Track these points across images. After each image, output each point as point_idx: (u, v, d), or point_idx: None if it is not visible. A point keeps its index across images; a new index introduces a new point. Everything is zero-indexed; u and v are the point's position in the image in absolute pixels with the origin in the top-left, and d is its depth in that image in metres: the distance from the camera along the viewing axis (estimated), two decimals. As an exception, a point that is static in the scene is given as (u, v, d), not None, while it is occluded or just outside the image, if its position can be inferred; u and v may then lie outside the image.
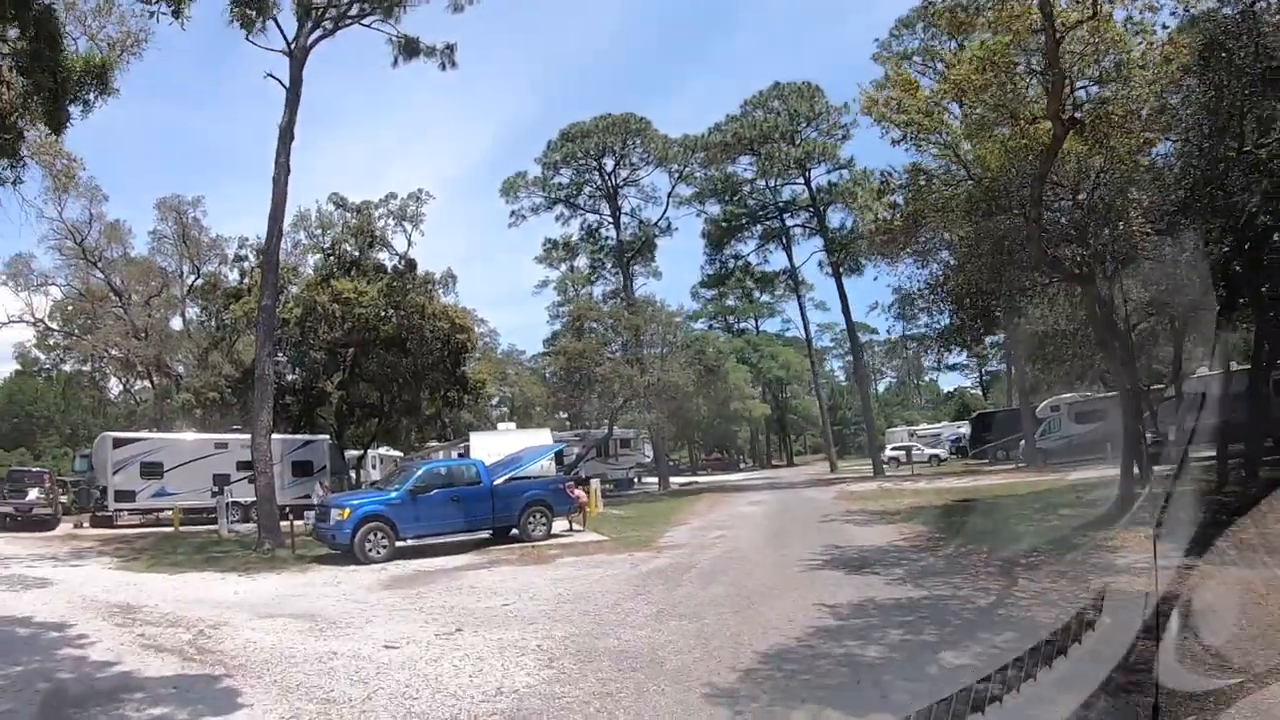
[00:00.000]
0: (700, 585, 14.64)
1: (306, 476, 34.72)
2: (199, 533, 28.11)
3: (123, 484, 31.47)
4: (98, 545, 25.05)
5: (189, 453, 33.16)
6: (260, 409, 23.92)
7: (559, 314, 78.52)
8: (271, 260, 25.28)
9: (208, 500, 31.25)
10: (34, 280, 50.70)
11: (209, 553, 22.53)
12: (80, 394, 65.80)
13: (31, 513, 29.59)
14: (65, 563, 20.84)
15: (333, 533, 19.97)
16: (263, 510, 22.99)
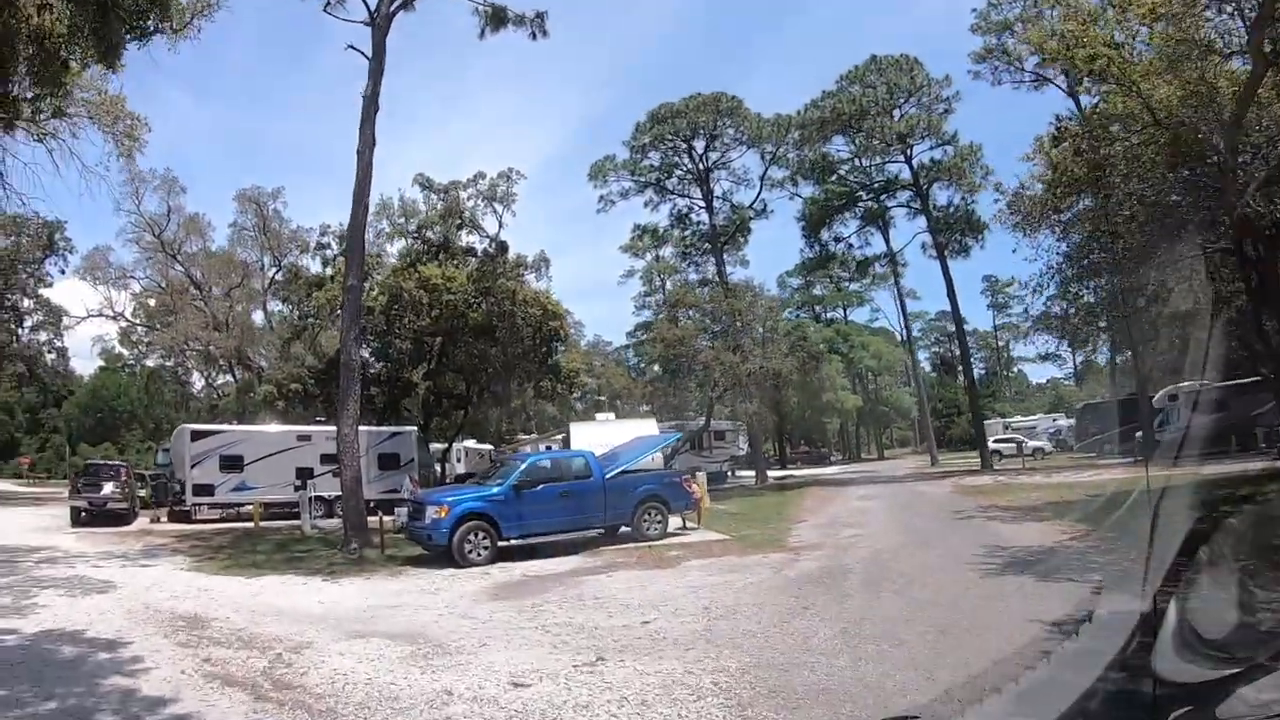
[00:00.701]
0: (868, 596, 12.49)
1: (393, 470, 32.96)
2: (280, 529, 26.53)
3: (201, 478, 30.12)
4: (172, 542, 23.52)
5: (270, 445, 31.73)
6: (346, 397, 21.95)
7: (645, 304, 77.62)
8: (357, 238, 23.29)
9: (290, 495, 29.59)
10: (112, 274, 50.20)
11: (290, 552, 20.78)
12: (163, 389, 65.96)
13: (106, 507, 28.27)
14: (134, 562, 19.13)
15: (428, 532, 17.82)
16: (349, 506, 20.99)
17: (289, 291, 47.41)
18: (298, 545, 22.24)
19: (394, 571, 17.42)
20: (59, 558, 19.37)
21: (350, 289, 22.90)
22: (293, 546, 21.94)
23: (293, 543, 22.87)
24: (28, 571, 17.03)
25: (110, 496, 28.25)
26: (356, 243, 23.48)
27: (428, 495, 20.09)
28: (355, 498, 21.16)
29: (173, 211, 49.52)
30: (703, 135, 52.59)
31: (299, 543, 22.91)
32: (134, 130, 19.43)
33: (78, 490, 28.54)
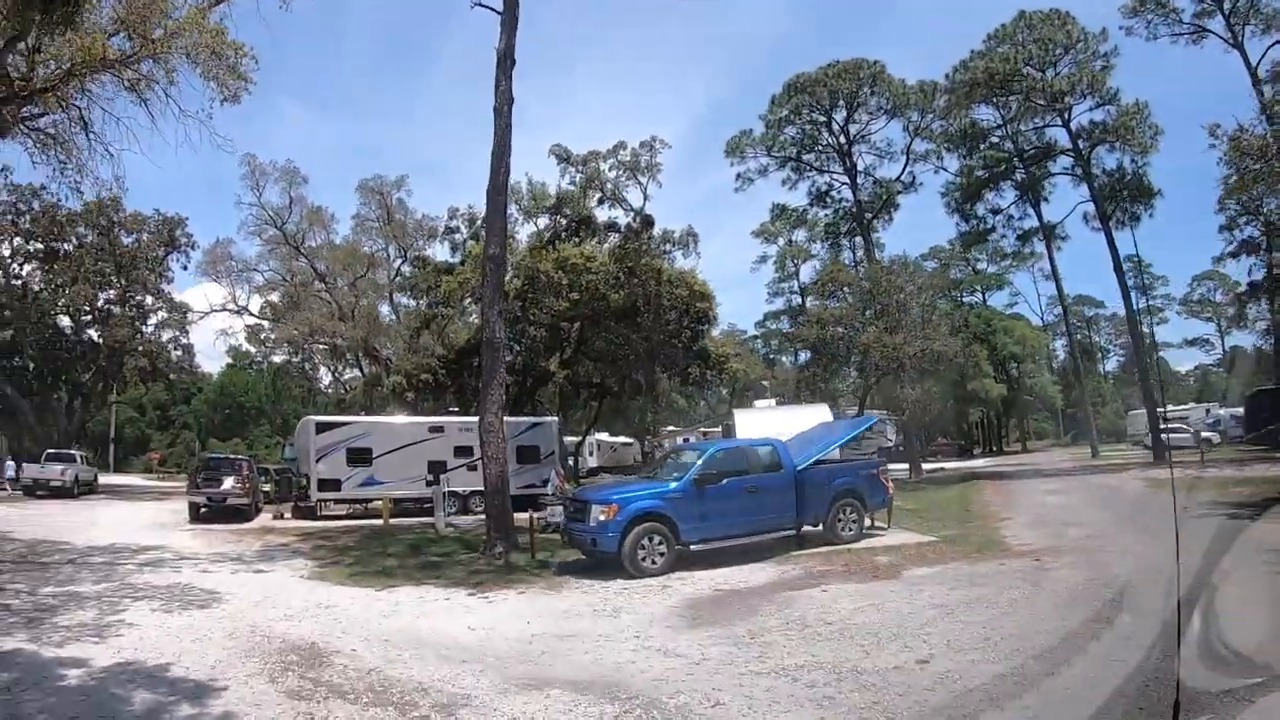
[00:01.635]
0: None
1: (533, 464, 30.49)
2: (411, 527, 24.39)
3: (327, 472, 28.14)
4: (293, 541, 21.39)
5: (400, 437, 29.59)
6: (490, 380, 19.23)
7: (779, 290, 74.25)
8: (498, 202, 20.47)
9: (421, 490, 28.14)
10: (235, 266, 49.36)
11: (426, 556, 18.16)
12: (290, 384, 65.82)
13: (225, 503, 26.54)
14: (249, 566, 16.77)
15: (592, 535, 14.75)
16: (493, 504, 18.22)
17: (419, 278, 45.68)
18: (433, 547, 19.64)
19: (551, 583, 14.39)
20: (166, 560, 17.18)
21: (492, 259, 20.19)
22: (428, 549, 19.34)
23: (427, 544, 20.35)
24: (126, 577, 14.74)
25: (230, 492, 26.50)
26: (497, 208, 20.66)
27: (592, 492, 16.98)
28: (501, 494, 18.35)
29: (294, 202, 48.65)
30: (842, 106, 48.66)
31: (434, 544, 20.36)
32: (240, 69, 16.66)
33: (197, 485, 26.91)
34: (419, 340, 42.48)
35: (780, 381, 60.26)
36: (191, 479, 27.44)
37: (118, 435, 71.12)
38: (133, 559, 17.17)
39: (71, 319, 48.99)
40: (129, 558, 17.35)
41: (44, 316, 47.15)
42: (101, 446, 70.82)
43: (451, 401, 38.50)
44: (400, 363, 41.63)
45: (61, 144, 17.70)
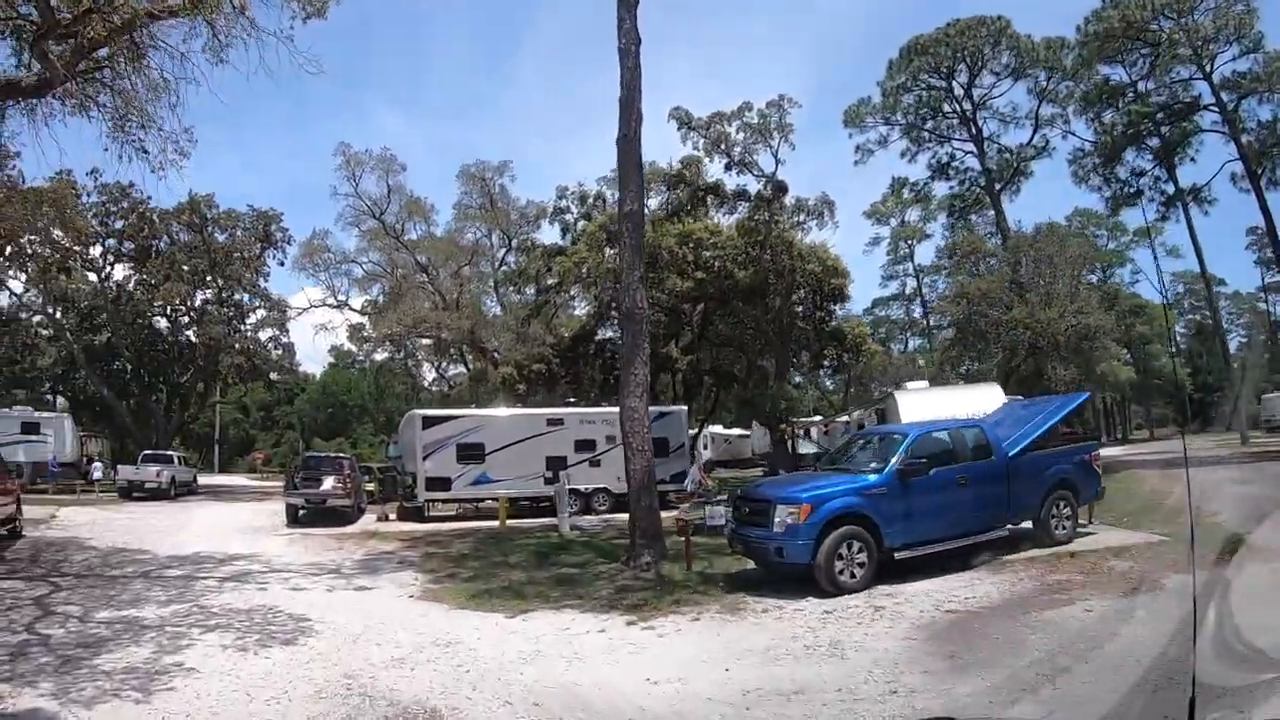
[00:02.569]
0: None
1: (661, 457, 27.21)
2: (530, 530, 22.03)
3: (435, 470, 25.80)
4: (400, 548, 18.94)
5: (515, 431, 27.13)
6: (631, 358, 16.37)
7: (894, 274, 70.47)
8: (631, 152, 17.42)
9: (539, 488, 26.03)
10: (333, 258, 47.64)
11: (556, 565, 15.44)
12: (393, 381, 64.56)
13: (325, 504, 24.39)
14: (349, 580, 14.21)
15: (778, 543, 11.64)
16: (640, 504, 15.33)
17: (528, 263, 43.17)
18: (563, 555, 16.93)
19: (726, 604, 11.28)
20: (252, 573, 14.76)
21: (629, 217, 17.24)
22: (557, 557, 16.63)
23: (554, 551, 17.70)
24: (202, 597, 12.26)
25: (330, 492, 24.34)
26: (631, 159, 17.59)
27: (773, 488, 13.69)
28: (648, 493, 15.45)
29: (393, 192, 46.69)
30: (964, 68, 44.67)
31: (562, 551, 17.72)
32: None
33: (294, 486, 24.85)
34: (529, 329, 39.96)
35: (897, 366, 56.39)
36: (289, 479, 25.35)
37: (222, 436, 71.31)
38: (215, 572, 14.80)
39: (168, 319, 48.22)
40: (211, 570, 14.99)
41: (139, 317, 46.40)
42: (207, 447, 71.21)
43: (566, 392, 35.88)
44: (509, 354, 39.24)
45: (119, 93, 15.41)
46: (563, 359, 36.35)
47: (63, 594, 12.48)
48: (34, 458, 36.07)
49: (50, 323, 45.41)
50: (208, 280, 45.38)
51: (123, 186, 42.41)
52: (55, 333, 45.74)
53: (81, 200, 42.04)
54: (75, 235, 41.25)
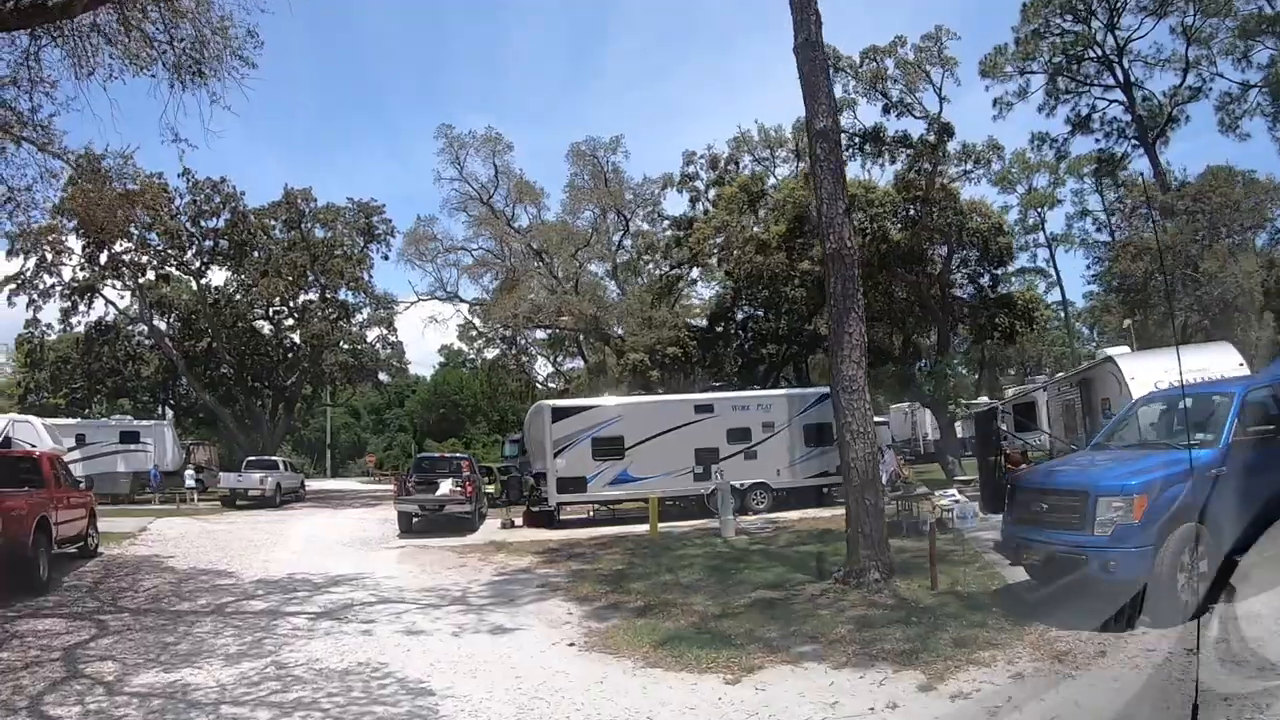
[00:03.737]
0: None
1: (824, 446, 23.90)
2: (685, 535, 18.75)
3: (568, 469, 22.62)
4: (537, 563, 15.69)
5: (659, 421, 23.67)
6: (845, 312, 12.57)
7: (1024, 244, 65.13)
8: (816, 59, 13.39)
9: (688, 485, 23.24)
10: (440, 246, 44.72)
11: (745, 585, 11.80)
12: (505, 378, 61.86)
13: (443, 510, 21.37)
14: (480, 614, 10.96)
15: (1105, 553, 7.73)
16: (863, 504, 11.50)
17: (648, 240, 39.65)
18: (744, 569, 13.35)
19: (1032, 643, 7.52)
20: (355, 604, 11.58)
21: (822, 135, 13.30)
22: (739, 572, 13.05)
23: (730, 562, 14.22)
24: (285, 646, 9.11)
25: (449, 497, 21.33)
26: (815, 66, 13.59)
27: (1078, 473, 9.66)
28: (872, 489, 11.66)
29: (500, 173, 43.59)
30: (1104, 7, 39.76)
31: (739, 562, 14.21)
32: None
33: (408, 491, 21.94)
34: (657, 311, 36.42)
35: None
36: (401, 484, 22.28)
37: (333, 440, 70.15)
38: (307, 603, 11.64)
39: (270, 321, 46.44)
40: (303, 601, 11.85)
41: (239, 320, 44.73)
42: (318, 453, 70.23)
43: (704, 378, 32.33)
44: (636, 339, 35.78)
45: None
46: (701, 341, 32.72)
47: (107, 640, 9.44)
48: (134, 467, 34.88)
49: (150, 330, 43.94)
50: (309, 278, 43.17)
51: (214, 182, 40.77)
52: (155, 340, 44.29)
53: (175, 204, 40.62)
54: (170, 238, 39.71)
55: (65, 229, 38.44)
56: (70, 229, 38.25)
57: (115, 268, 39.94)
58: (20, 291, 39.61)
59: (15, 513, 12.10)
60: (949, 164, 31.64)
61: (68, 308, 40.63)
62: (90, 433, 34.68)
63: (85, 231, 37.54)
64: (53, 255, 39.28)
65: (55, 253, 39.29)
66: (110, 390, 44.97)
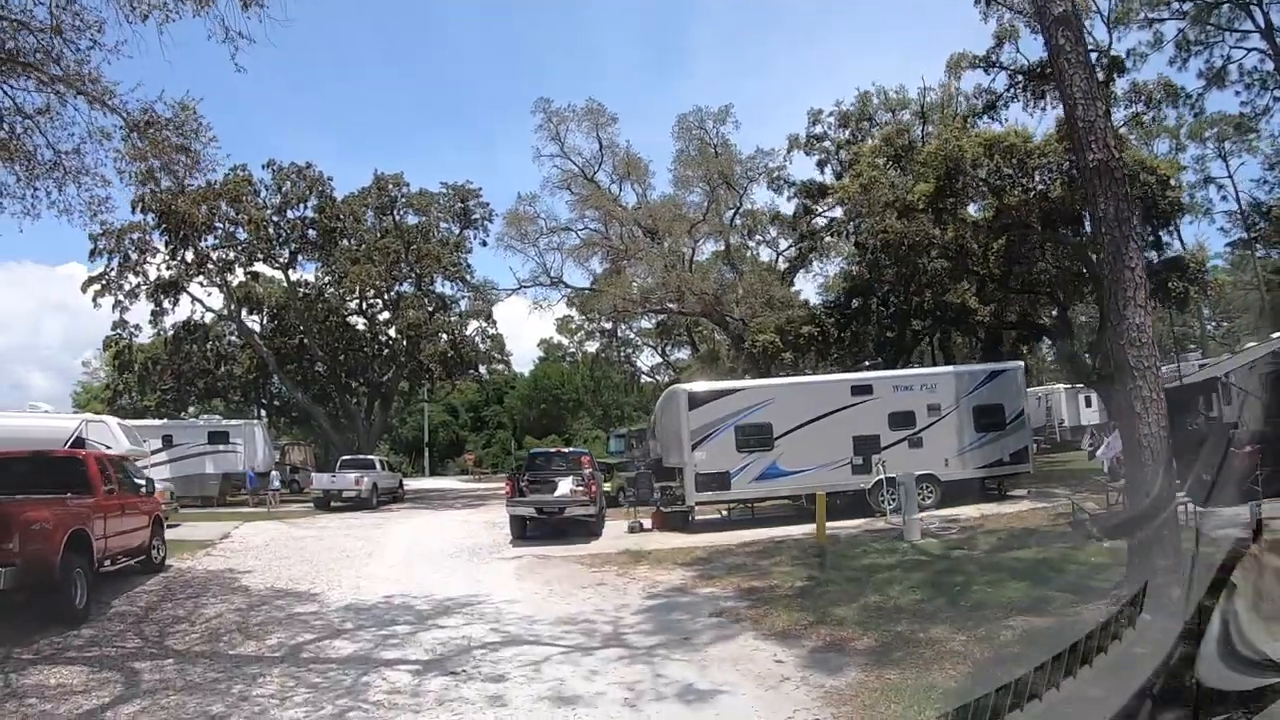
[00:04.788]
0: None
1: (995, 432, 20.96)
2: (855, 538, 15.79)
3: (709, 463, 19.39)
4: (691, 579, 12.58)
5: (811, 405, 20.28)
6: (1122, 243, 9.37)
7: None
8: None
9: (846, 479, 19.72)
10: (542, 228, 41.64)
11: (999, 612, 8.65)
12: (610, 371, 59.38)
13: (564, 514, 18.39)
14: (653, 663, 7.89)
15: None
16: (1162, 494, 8.06)
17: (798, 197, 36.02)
18: (974, 585, 10.40)
19: None
20: (475, 646, 8.71)
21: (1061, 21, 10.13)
22: (973, 591, 9.99)
23: (945, 576, 11.20)
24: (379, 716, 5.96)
25: (571, 498, 18.36)
26: None
27: None
28: (1168, 478, 8.35)
29: (605, 149, 40.32)
30: None
31: (953, 574, 11.27)
32: None
33: (521, 492, 18.78)
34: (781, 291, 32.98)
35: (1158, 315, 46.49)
36: (513, 483, 19.12)
37: (431, 439, 68.50)
38: (411, 642, 8.86)
39: (363, 316, 44.32)
40: (405, 639, 9.04)
41: (331, 314, 42.66)
42: (416, 451, 68.60)
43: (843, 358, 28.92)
44: (761, 320, 32.39)
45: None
46: (839, 318, 29.22)
47: (132, 708, 6.66)
48: (223, 469, 33.20)
49: (239, 327, 42.24)
50: (402, 268, 40.78)
51: (299, 167, 38.77)
52: (244, 338, 42.64)
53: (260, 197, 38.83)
54: (256, 228, 37.84)
55: (148, 226, 37.16)
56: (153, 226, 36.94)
57: (201, 264, 38.18)
58: (105, 293, 38.13)
59: (37, 526, 9.52)
60: (1117, 106, 27.60)
61: (155, 309, 39.02)
62: (177, 434, 33.06)
63: (168, 227, 36.15)
64: (137, 255, 37.69)
65: (139, 251, 37.70)
66: (201, 391, 43.40)
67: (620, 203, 39.28)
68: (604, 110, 38.43)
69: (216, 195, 36.85)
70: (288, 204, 38.91)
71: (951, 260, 30.09)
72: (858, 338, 29.84)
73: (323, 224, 39.18)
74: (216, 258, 38.77)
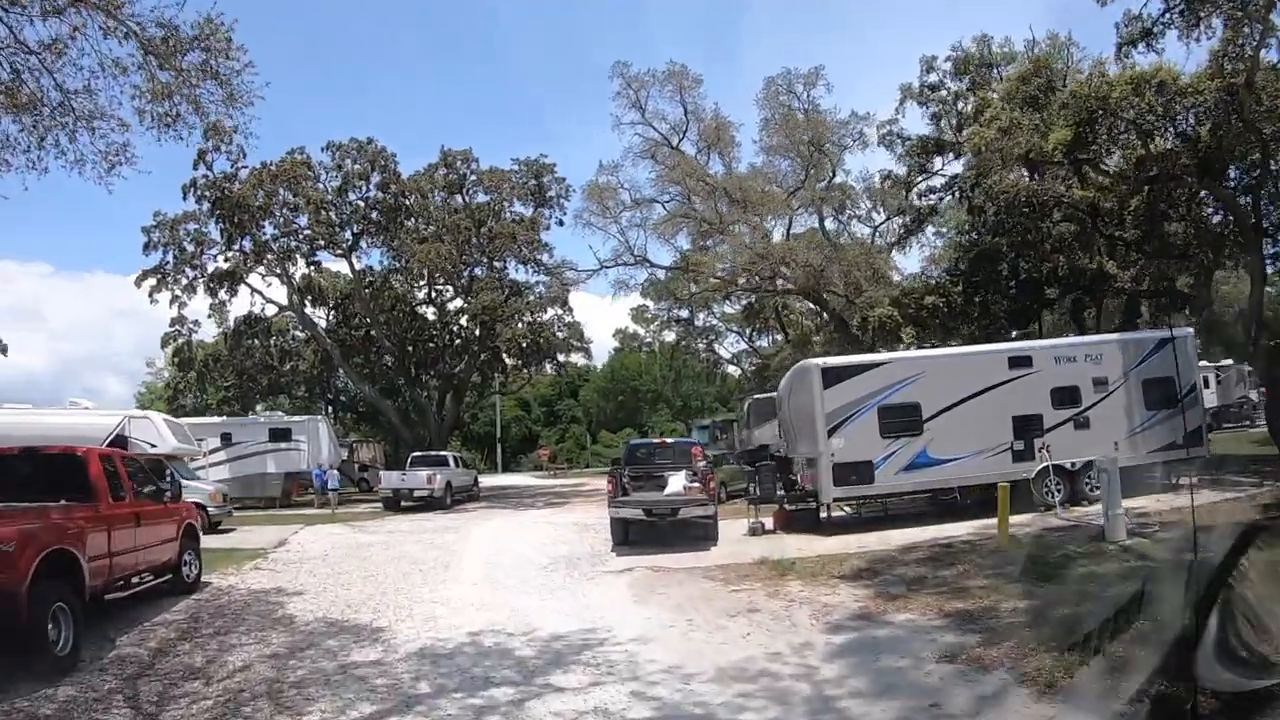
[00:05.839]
0: None
1: (1166, 409, 17.82)
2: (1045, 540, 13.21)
3: (847, 451, 16.21)
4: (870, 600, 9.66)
5: (964, 381, 17.01)
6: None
7: None
8: None
9: (1005, 467, 16.26)
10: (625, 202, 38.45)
11: None
12: (691, 359, 56.52)
13: (676, 516, 15.29)
14: None
15: None
16: None
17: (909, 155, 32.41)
18: None
19: None
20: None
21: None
22: None
23: (1204, 596, 7.15)
24: None
25: (685, 498, 15.36)
26: None
27: None
28: None
29: (690, 115, 37.04)
30: None
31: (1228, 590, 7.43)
32: None
33: (624, 490, 15.84)
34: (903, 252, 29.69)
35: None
36: (615, 482, 16.04)
37: (503, 434, 66.19)
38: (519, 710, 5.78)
39: (433, 304, 41.79)
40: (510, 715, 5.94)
41: (398, 302, 40.22)
42: (488, 447, 66.21)
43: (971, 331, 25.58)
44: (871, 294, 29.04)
45: None
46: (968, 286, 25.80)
47: None
48: (286, 467, 30.79)
49: (300, 318, 39.90)
50: (473, 251, 37.94)
51: (359, 142, 36.25)
52: (307, 330, 40.40)
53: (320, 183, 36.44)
54: (315, 210, 35.43)
55: (202, 215, 34.99)
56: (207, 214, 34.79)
57: (260, 254, 35.84)
58: (162, 288, 35.97)
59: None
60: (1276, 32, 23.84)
61: (215, 303, 36.82)
62: (236, 431, 30.84)
63: (222, 213, 33.99)
64: (193, 247, 35.53)
65: (195, 243, 35.54)
66: (265, 388, 41.30)
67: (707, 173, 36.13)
68: (687, 72, 35.29)
69: (273, 178, 34.69)
70: (349, 183, 36.36)
71: (1079, 223, 26.63)
72: (986, 308, 26.37)
73: (386, 202, 36.63)
74: (276, 247, 36.45)
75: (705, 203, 35.40)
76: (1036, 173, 26.79)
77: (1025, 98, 24.57)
